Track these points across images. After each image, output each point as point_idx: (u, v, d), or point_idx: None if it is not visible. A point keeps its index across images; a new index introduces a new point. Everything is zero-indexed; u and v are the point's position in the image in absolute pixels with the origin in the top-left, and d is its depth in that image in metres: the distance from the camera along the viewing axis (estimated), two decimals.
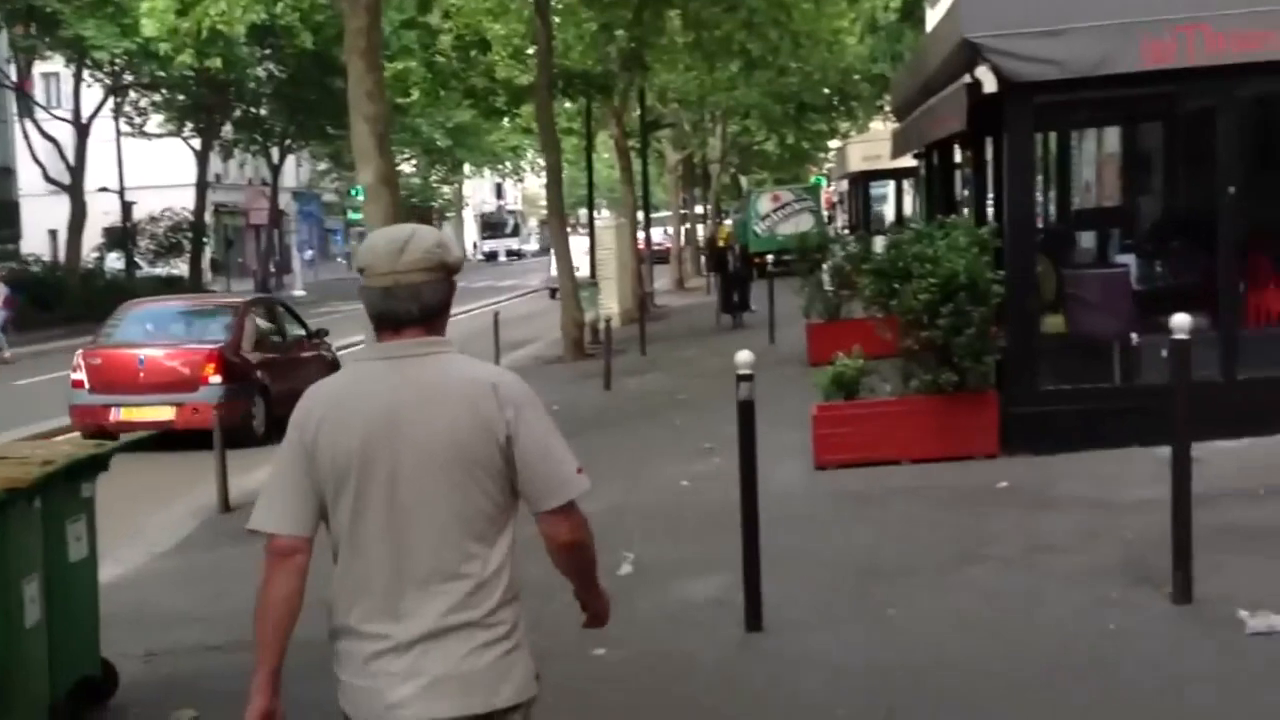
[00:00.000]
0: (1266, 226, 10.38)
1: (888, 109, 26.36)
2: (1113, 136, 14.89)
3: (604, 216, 32.19)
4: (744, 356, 6.08)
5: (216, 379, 13.29)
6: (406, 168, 54.26)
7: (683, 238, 39.80)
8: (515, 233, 78.21)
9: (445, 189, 70.72)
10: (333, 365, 14.48)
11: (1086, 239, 13.59)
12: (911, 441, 9.49)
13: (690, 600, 6.77)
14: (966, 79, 9.84)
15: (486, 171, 65.69)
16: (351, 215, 61.43)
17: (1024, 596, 6.31)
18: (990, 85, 9.38)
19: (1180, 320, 5.71)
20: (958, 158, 14.40)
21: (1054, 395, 9.58)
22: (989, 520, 7.82)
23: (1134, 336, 9.61)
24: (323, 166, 56.95)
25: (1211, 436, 8.71)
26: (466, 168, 60.06)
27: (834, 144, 41.28)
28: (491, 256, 73.74)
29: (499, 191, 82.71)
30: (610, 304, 22.96)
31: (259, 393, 13.67)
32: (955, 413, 9.47)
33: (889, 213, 34.58)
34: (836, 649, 5.78)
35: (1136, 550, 6.74)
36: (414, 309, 2.85)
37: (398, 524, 2.80)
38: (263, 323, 14.94)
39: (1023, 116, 9.48)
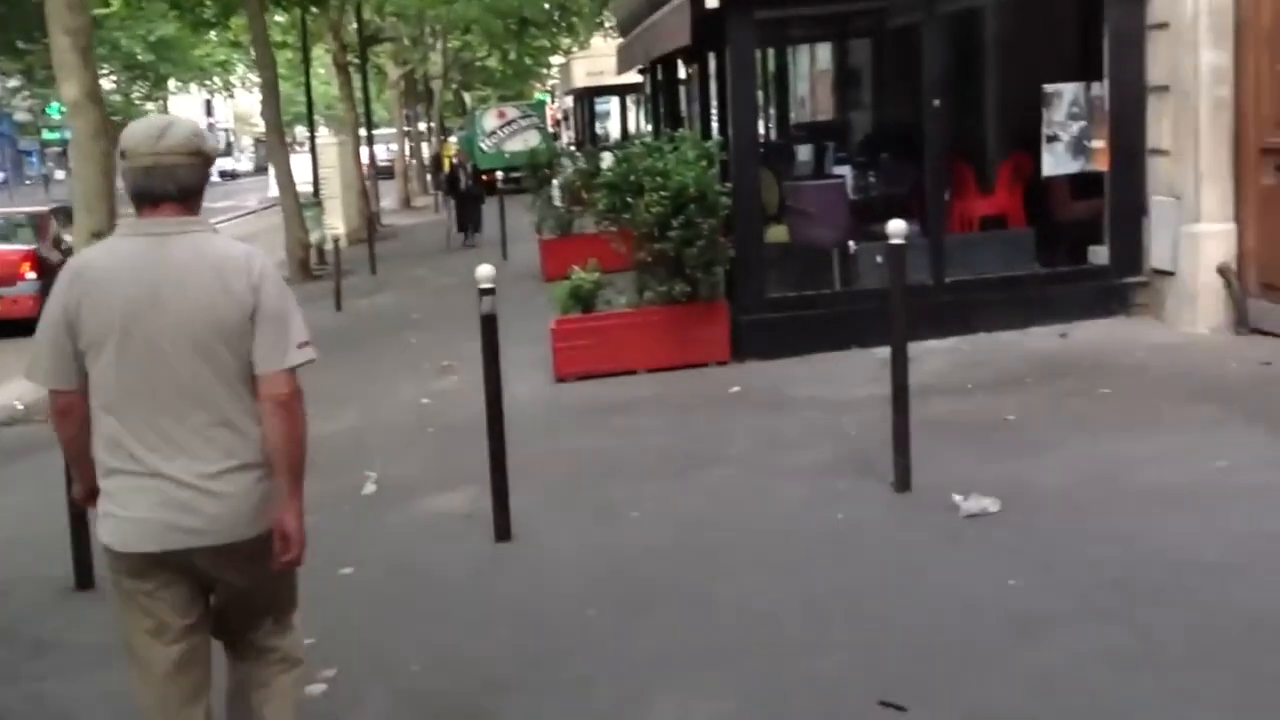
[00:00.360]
0: (969, 138, 11.04)
1: (609, 25, 26.46)
2: (829, 52, 15.42)
3: (324, 134, 31.16)
4: (484, 270, 6.09)
5: (32, 275, 15.70)
6: (106, 84, 50.98)
7: (408, 156, 39.06)
8: (227, 151, 73.89)
9: (149, 106, 66.86)
10: None
11: (806, 152, 14.07)
12: (648, 351, 9.72)
13: (438, 515, 6.80)
14: None
15: (194, 88, 62.38)
16: (48, 135, 57.42)
17: (757, 492, 6.60)
18: (713, 1, 9.56)
19: (896, 226, 6.02)
20: (682, 73, 14.62)
21: (780, 302, 9.97)
22: (723, 424, 8.11)
23: (851, 244, 10.09)
24: (13, 84, 52.89)
25: (924, 336, 9.30)
26: (172, 84, 56.91)
27: (557, 60, 41.19)
28: None
29: (209, 109, 78.37)
30: (336, 224, 22.39)
31: None
32: (688, 322, 9.75)
33: (614, 129, 34.86)
34: (583, 551, 5.93)
35: (860, 444, 7.14)
36: (171, 188, 3.18)
37: (155, 384, 3.16)
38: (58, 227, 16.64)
39: (744, 31, 9.71)
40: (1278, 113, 8.48)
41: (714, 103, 12.33)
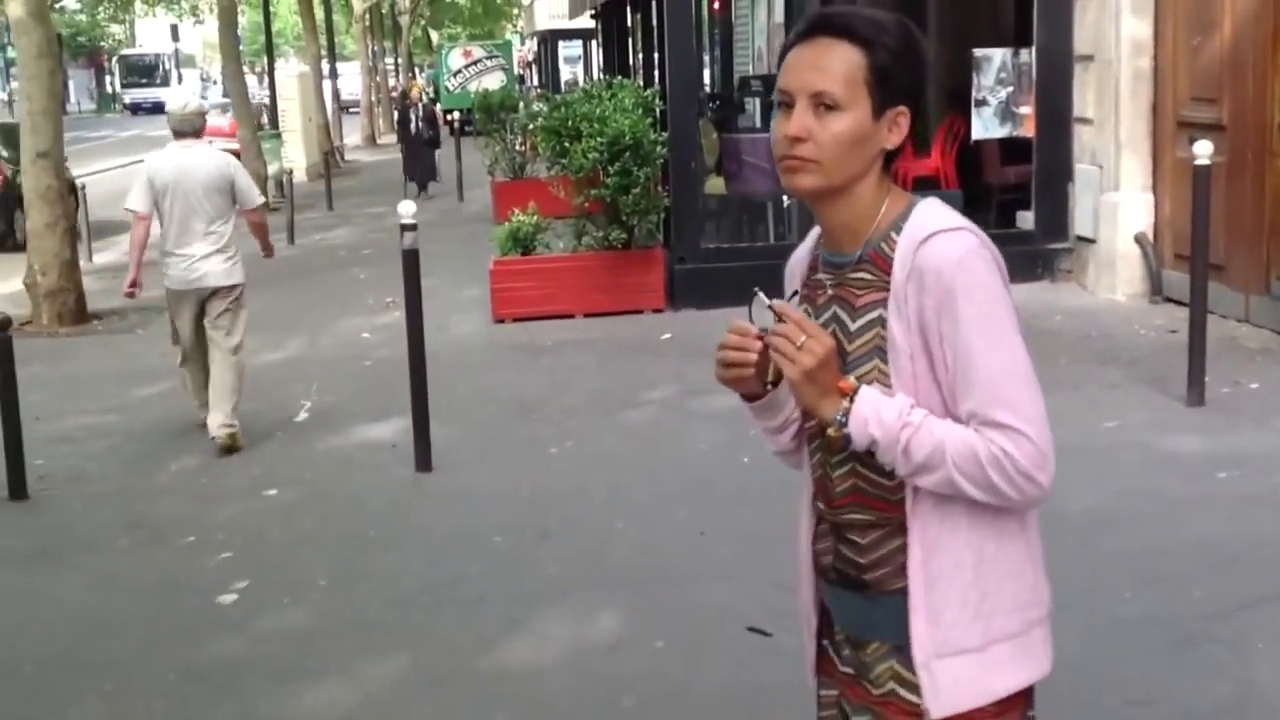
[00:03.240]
0: None
1: None
2: (774, 6, 15.51)
3: (289, 65, 30.96)
4: (406, 206, 6.31)
5: None
6: (71, 3, 50.35)
7: (375, 92, 38.88)
8: (166, 81, 63.62)
9: (115, 28, 65.89)
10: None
11: (749, 106, 14.25)
12: (585, 296, 9.95)
13: (365, 444, 7.05)
14: None
15: (161, 11, 61.46)
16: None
17: (673, 434, 6.89)
18: None
19: None
20: (630, 20, 14.74)
21: (715, 252, 10.21)
22: (650, 368, 8.38)
23: (785, 198, 10.34)
24: None
25: None
26: (138, 6, 56.12)
27: (527, 1, 40.99)
28: (135, 109, 59.07)
29: (175, 33, 76.81)
30: (295, 157, 22.41)
31: (17, 207, 15.18)
32: (625, 269, 9.98)
33: (581, 73, 34.80)
34: (499, 484, 6.21)
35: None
36: (188, 130, 7.09)
37: (189, 212, 6.92)
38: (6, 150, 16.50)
39: None
40: (1193, 86, 8.76)
41: (656, 52, 12.49)
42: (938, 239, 1.86)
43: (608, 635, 4.48)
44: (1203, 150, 6.62)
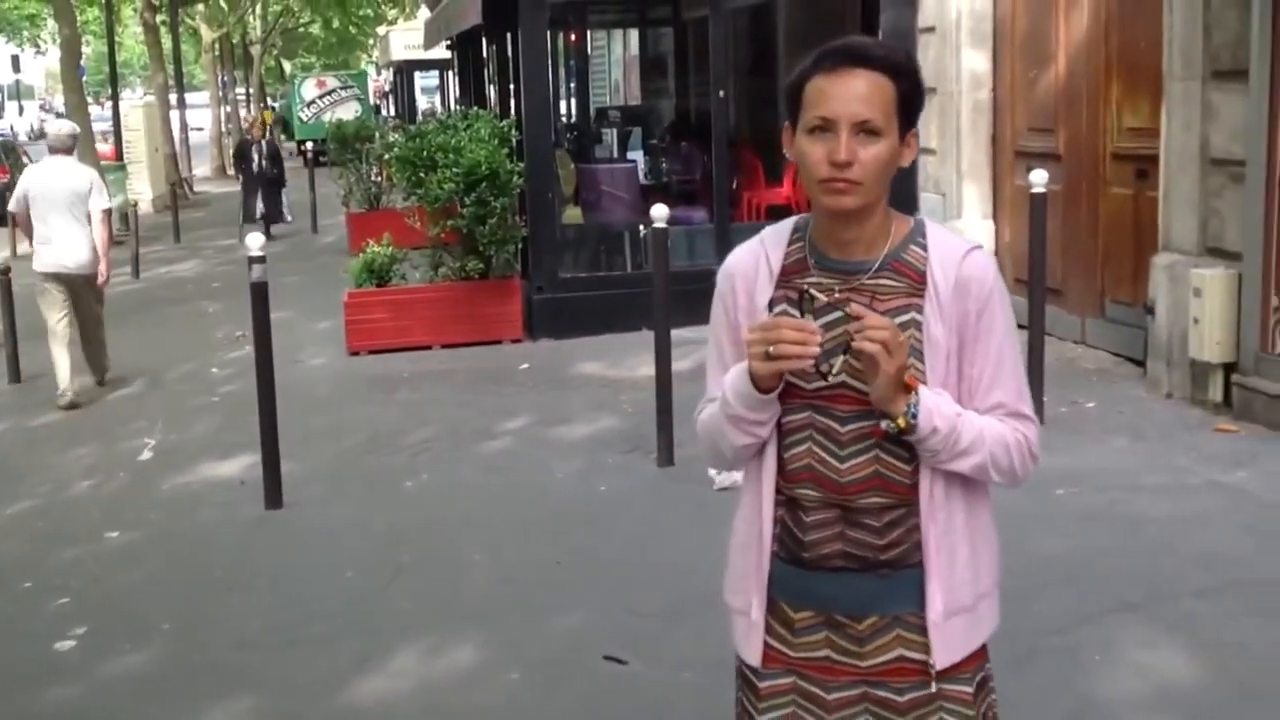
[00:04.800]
0: (759, 128, 11.42)
1: None
2: (627, 39, 15.68)
3: (135, 96, 30.18)
4: (255, 239, 6.19)
5: None
6: None
7: (225, 123, 38.11)
8: (1, 112, 60.28)
9: None
10: None
11: (604, 136, 14.35)
12: (441, 327, 9.86)
13: (212, 482, 6.87)
14: None
15: (1, 40, 59.32)
16: None
17: (529, 465, 6.85)
18: None
19: (659, 210, 6.33)
20: (486, 51, 14.74)
21: (573, 282, 10.22)
22: (508, 399, 8.34)
23: (642, 228, 10.41)
24: None
25: (706, 320, 9.62)
26: None
27: (383, 30, 40.65)
28: None
29: (15, 64, 74.35)
30: (141, 189, 21.82)
31: None
32: (482, 299, 9.94)
33: (438, 103, 34.64)
34: (352, 519, 6.09)
35: (633, 421, 7.45)
36: (60, 147, 9.02)
37: (56, 212, 8.75)
38: None
39: (536, 13, 9.90)
40: (1030, 117, 9.08)
41: (511, 83, 12.52)
42: (976, 255, 2.14)
43: (462, 669, 4.42)
44: (1039, 179, 6.85)
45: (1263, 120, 6.51)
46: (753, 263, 2.21)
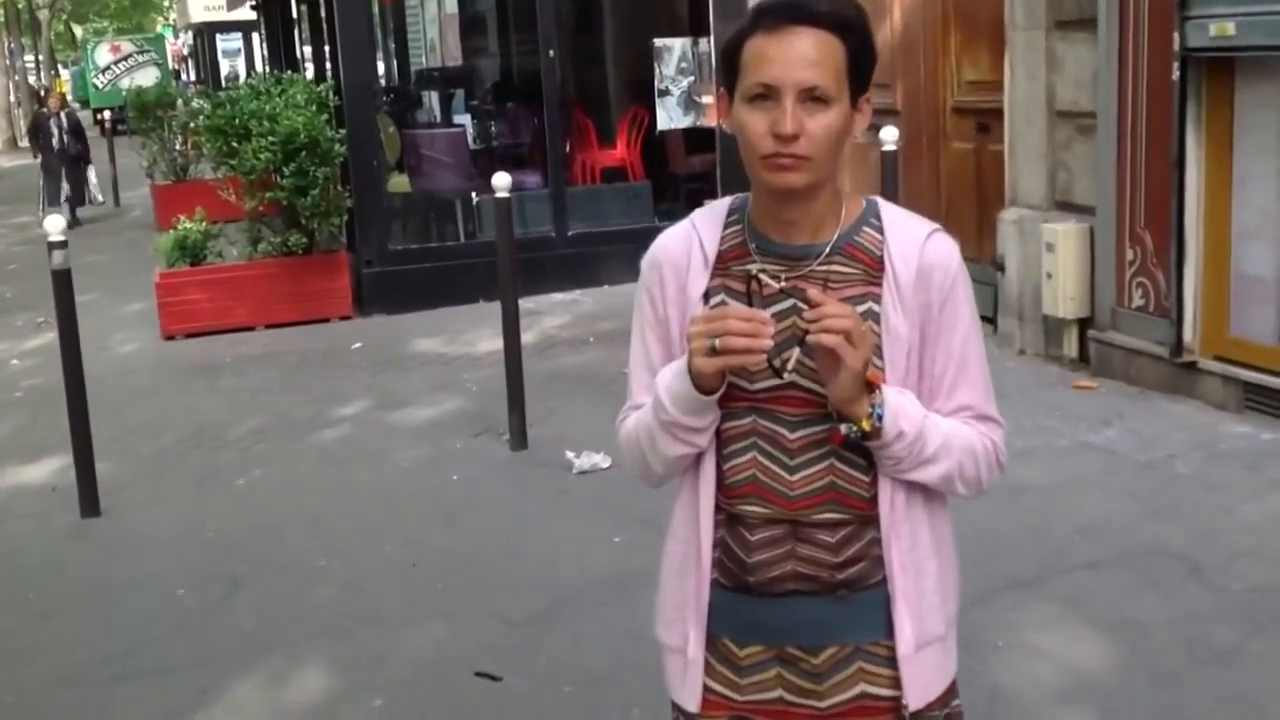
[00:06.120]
0: (590, 90, 11.07)
1: None
2: None
3: None
4: (54, 221, 5.59)
5: None
6: None
7: (12, 92, 35.89)
8: None
9: None
10: None
11: (430, 99, 13.79)
12: (264, 306, 9.33)
13: (18, 490, 6.26)
14: None
15: None
16: None
17: (372, 455, 6.41)
18: None
19: (501, 179, 5.93)
20: (296, 12, 14.00)
21: (404, 254, 9.76)
22: (342, 382, 7.86)
23: (475, 195, 9.97)
24: None
25: (548, 289, 9.31)
26: None
27: None
28: None
29: None
30: None
31: None
32: (307, 275, 9.41)
33: (242, 67, 33.24)
34: (179, 526, 5.58)
35: (480, 401, 7.06)
36: None
37: None
38: None
39: None
40: None
41: (327, 44, 11.88)
42: (937, 238, 1.86)
43: (316, 697, 3.99)
44: (889, 135, 6.66)
45: (1112, 71, 6.43)
46: (683, 249, 1.91)
